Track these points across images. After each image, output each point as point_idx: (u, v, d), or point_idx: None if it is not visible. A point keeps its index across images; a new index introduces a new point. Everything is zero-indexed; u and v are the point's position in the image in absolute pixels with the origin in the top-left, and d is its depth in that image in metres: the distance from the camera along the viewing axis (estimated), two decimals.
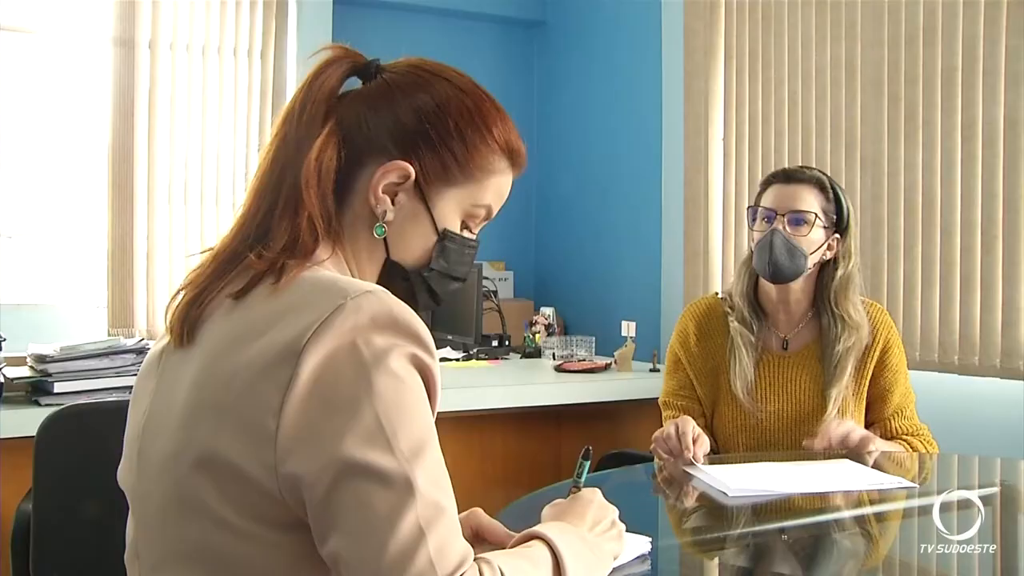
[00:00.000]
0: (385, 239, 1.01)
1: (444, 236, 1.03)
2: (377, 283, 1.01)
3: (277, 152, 1.00)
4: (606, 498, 1.16)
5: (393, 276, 1.02)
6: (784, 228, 1.97)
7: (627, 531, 1.27)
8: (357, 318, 0.86)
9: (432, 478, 0.84)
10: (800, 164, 2.95)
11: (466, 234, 1.06)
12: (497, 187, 1.05)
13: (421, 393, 0.88)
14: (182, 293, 0.98)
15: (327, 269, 0.96)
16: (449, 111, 1.01)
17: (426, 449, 0.85)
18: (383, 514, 0.81)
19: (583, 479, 1.20)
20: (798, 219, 1.98)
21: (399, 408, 0.84)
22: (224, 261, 0.97)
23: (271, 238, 0.95)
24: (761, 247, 1.99)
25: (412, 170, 0.99)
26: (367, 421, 0.82)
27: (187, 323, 0.95)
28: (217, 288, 0.95)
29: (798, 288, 2.04)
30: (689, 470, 1.75)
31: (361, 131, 1.00)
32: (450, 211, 1.03)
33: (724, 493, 1.59)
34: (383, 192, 0.99)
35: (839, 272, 2.02)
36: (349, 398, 0.83)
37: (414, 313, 0.89)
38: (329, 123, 0.98)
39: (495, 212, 1.08)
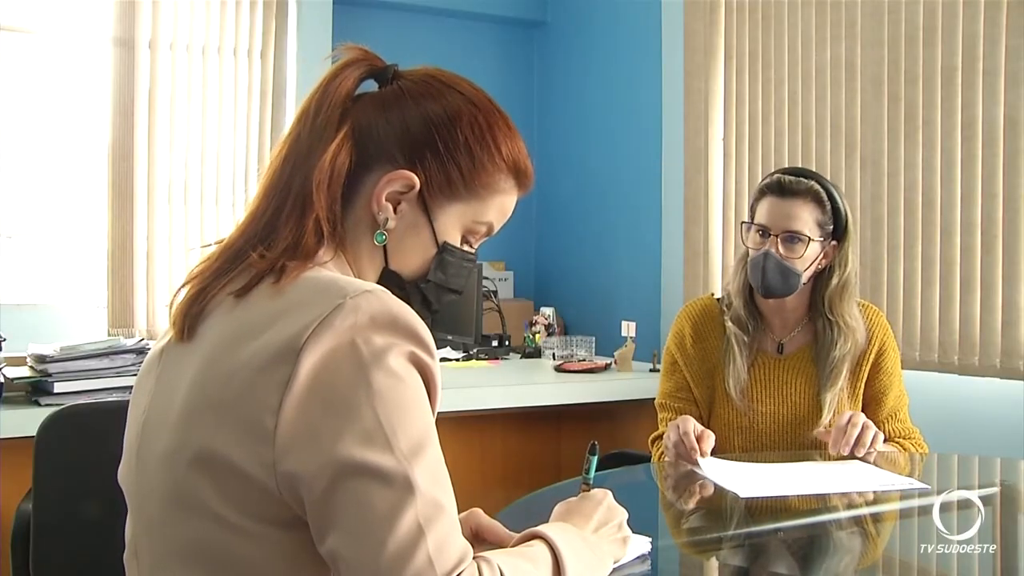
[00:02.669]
0: (384, 247, 1.01)
1: (443, 249, 1.03)
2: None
3: (289, 152, 1.00)
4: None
5: (389, 283, 1.02)
6: (777, 248, 1.94)
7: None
8: (356, 317, 0.86)
9: (432, 476, 0.84)
10: (800, 165, 2.96)
11: (466, 248, 1.06)
12: (501, 205, 1.05)
13: (420, 392, 0.88)
14: (187, 286, 0.98)
15: (328, 270, 0.96)
16: (460, 124, 1.00)
17: (425, 447, 0.85)
18: (382, 513, 0.81)
19: (591, 475, 1.19)
20: (792, 238, 1.94)
21: (398, 407, 0.84)
22: (229, 257, 0.97)
23: (275, 238, 0.95)
24: (754, 266, 1.98)
25: (417, 180, 0.99)
26: (366, 420, 0.83)
27: (189, 318, 0.96)
28: (220, 285, 0.96)
29: (793, 298, 2.02)
30: (700, 472, 1.75)
31: (372, 136, 1.00)
32: (451, 225, 1.03)
33: (736, 495, 1.59)
34: (386, 200, 0.99)
35: (834, 280, 1.99)
36: (348, 397, 0.83)
37: (414, 313, 0.89)
38: (344, 127, 0.98)
39: (497, 229, 1.08)
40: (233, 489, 0.85)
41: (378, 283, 1.02)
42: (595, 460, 1.20)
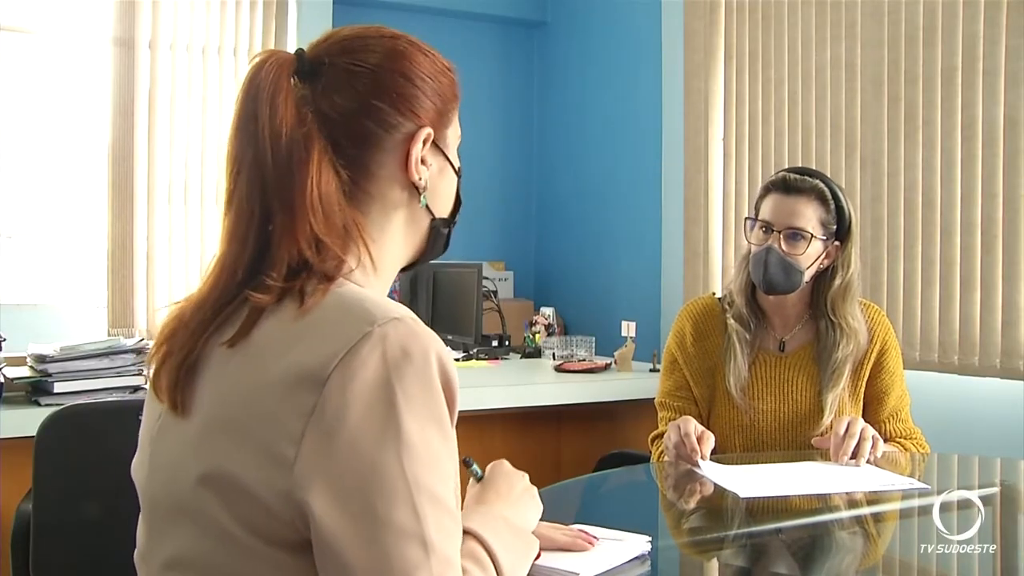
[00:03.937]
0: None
1: (459, 173, 1.06)
2: (423, 248, 1.04)
3: (252, 182, 0.92)
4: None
5: (437, 232, 1.04)
6: (780, 244, 1.95)
7: (627, 531, 1.28)
8: (385, 348, 0.84)
9: (446, 531, 0.84)
10: (800, 164, 2.96)
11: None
12: (459, 105, 1.07)
13: (448, 435, 0.87)
14: (163, 349, 0.94)
15: (354, 281, 0.93)
16: (410, 58, 1.00)
17: (445, 499, 0.84)
18: (399, 570, 0.80)
19: (477, 471, 1.20)
20: (795, 235, 1.95)
21: (425, 462, 0.83)
22: (212, 308, 0.93)
23: (275, 269, 0.90)
24: (756, 262, 1.98)
25: (431, 129, 0.99)
26: (393, 471, 0.81)
27: (178, 391, 0.92)
28: (203, 341, 0.92)
29: (794, 295, 2.02)
30: (699, 472, 1.74)
31: (359, 123, 0.96)
32: (452, 148, 1.05)
33: (736, 495, 1.59)
34: (422, 163, 1.00)
35: (837, 281, 1.99)
36: (377, 443, 0.82)
37: (435, 335, 0.89)
38: (316, 142, 0.92)
39: None
40: (243, 509, 0.84)
41: (428, 237, 1.04)
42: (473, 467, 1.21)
